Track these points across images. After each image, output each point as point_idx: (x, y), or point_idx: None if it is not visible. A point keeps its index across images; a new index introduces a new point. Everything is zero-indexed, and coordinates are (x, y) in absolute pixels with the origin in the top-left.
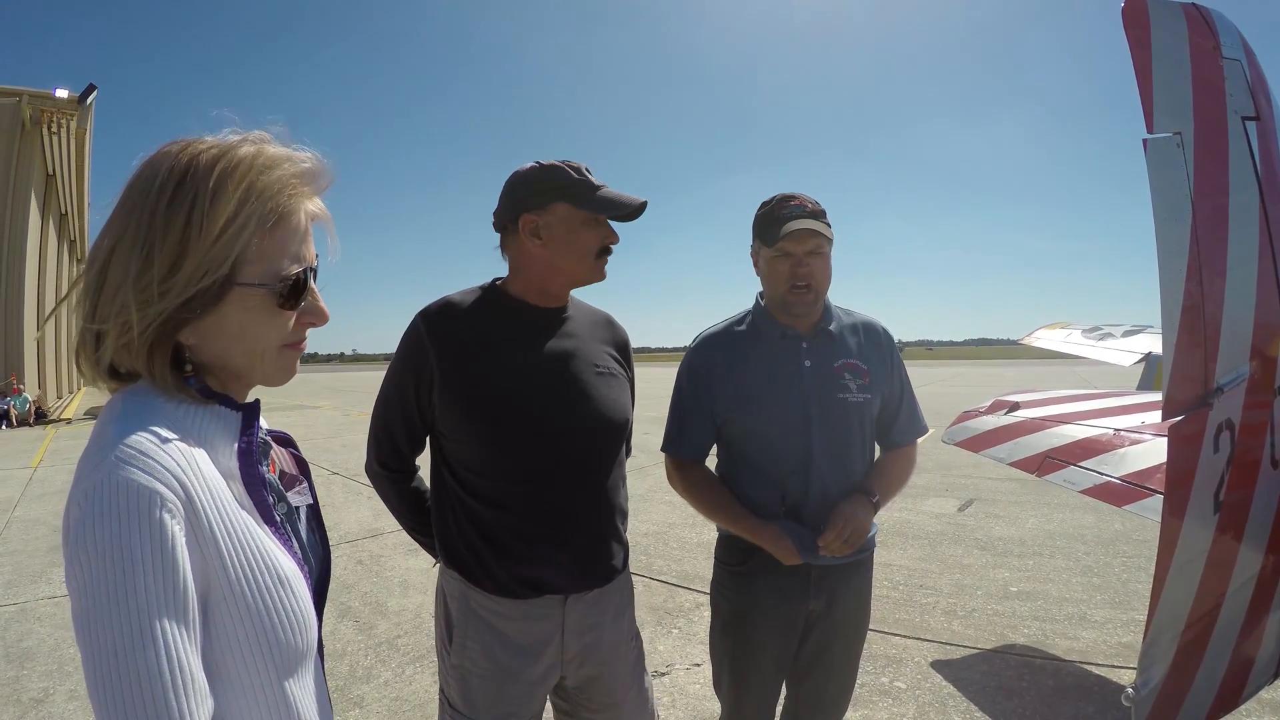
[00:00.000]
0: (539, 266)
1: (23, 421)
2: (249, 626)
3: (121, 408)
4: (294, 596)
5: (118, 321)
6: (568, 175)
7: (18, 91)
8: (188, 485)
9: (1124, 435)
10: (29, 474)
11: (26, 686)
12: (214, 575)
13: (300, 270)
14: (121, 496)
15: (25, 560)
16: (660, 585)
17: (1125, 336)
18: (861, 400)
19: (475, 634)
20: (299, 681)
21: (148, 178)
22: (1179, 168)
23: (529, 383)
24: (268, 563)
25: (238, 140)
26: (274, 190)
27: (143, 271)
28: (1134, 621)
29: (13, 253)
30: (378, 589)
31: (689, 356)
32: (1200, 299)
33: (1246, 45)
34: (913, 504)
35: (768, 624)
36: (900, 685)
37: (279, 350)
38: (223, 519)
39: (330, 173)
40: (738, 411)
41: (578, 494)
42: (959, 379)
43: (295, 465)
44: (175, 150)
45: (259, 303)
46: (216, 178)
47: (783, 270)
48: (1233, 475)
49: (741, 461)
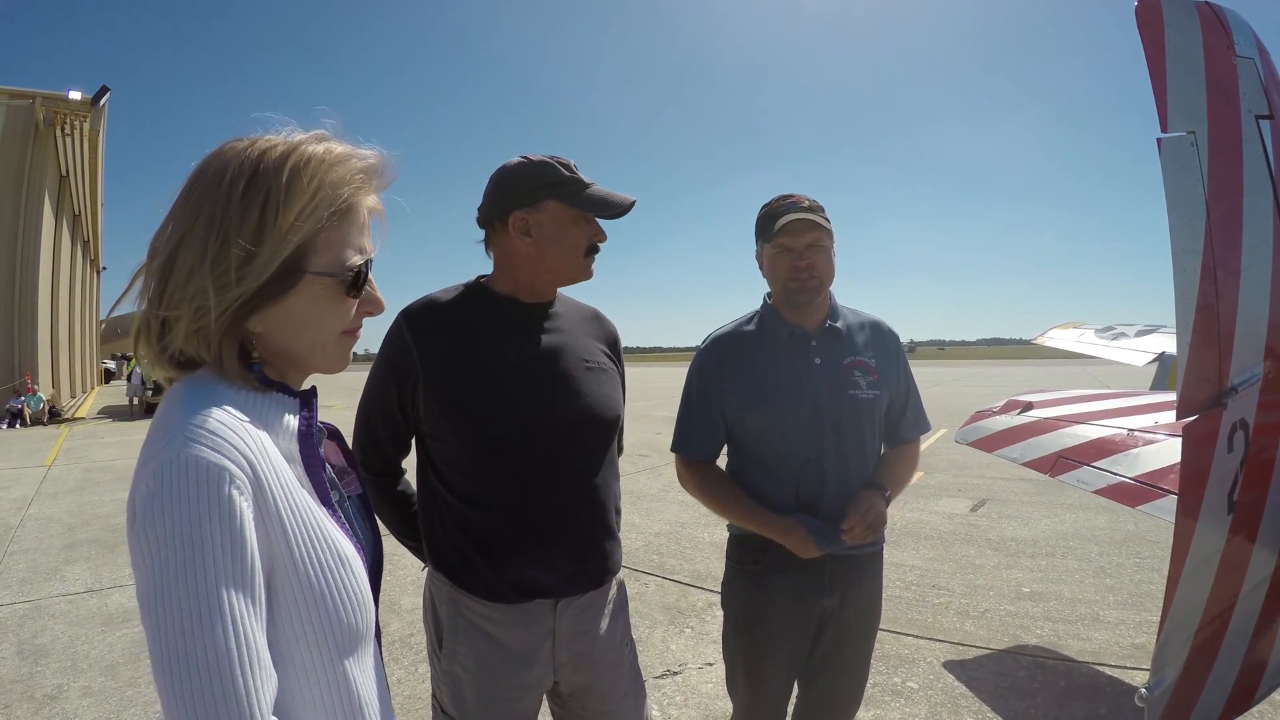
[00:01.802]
0: (527, 264)
1: (36, 421)
2: (312, 606)
3: (184, 391)
4: (354, 577)
5: (192, 306)
6: (558, 172)
7: (31, 93)
8: (255, 463)
9: (1137, 435)
10: (43, 472)
11: (40, 683)
12: (279, 554)
13: (364, 261)
14: (191, 473)
15: (39, 558)
16: (673, 585)
17: (1138, 336)
18: (871, 397)
19: (466, 639)
20: (358, 663)
21: (218, 170)
22: (1193, 167)
23: (516, 379)
24: (329, 542)
25: (305, 137)
26: (342, 184)
27: (220, 257)
28: (1147, 622)
29: (27, 253)
30: (390, 587)
31: (698, 357)
32: (1214, 299)
33: (1260, 44)
34: (925, 504)
35: (782, 622)
36: (913, 685)
37: (340, 337)
38: (288, 498)
39: (393, 169)
40: (749, 410)
41: (568, 492)
42: (972, 379)
43: (343, 457)
44: (243, 146)
45: (326, 291)
46: (290, 171)
47: (784, 265)
48: (1247, 475)
49: (753, 460)
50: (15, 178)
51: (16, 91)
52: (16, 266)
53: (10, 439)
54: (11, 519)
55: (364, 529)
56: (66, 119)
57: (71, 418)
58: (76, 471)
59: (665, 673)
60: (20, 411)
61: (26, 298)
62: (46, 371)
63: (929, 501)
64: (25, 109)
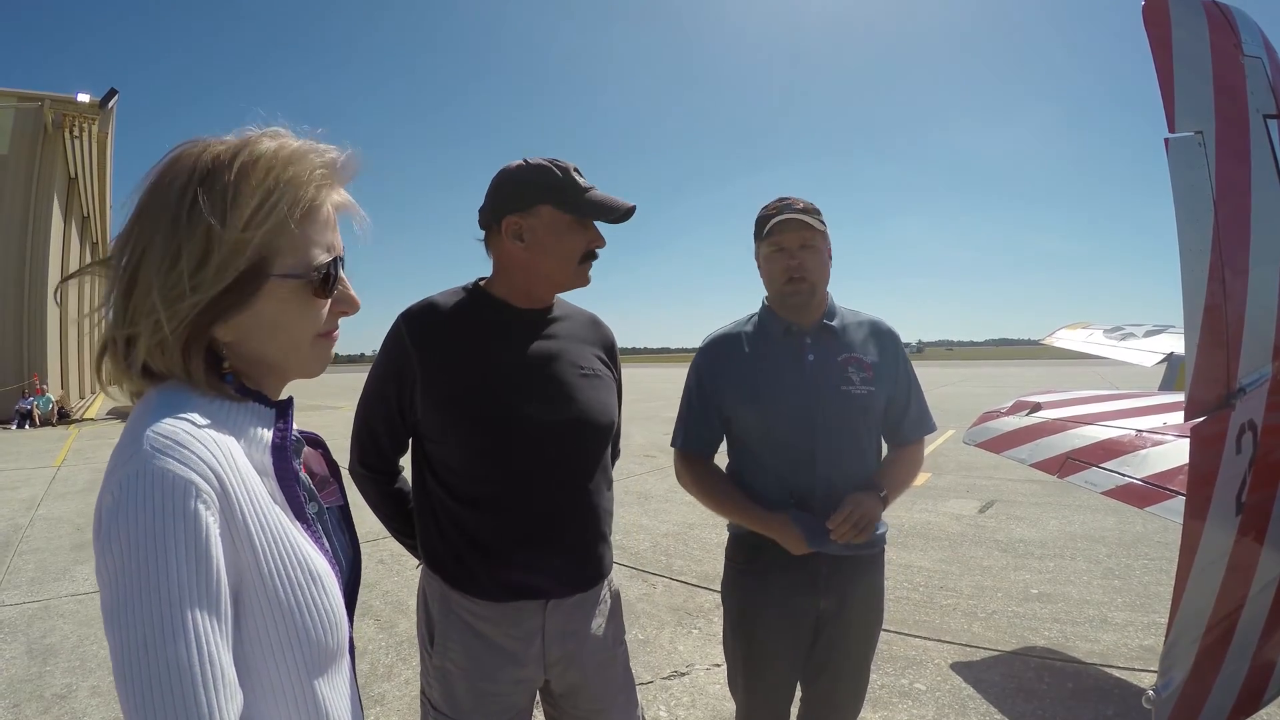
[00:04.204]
0: (520, 269)
1: (46, 421)
2: (280, 622)
3: (156, 401)
4: (326, 594)
5: (149, 321)
6: (554, 176)
7: (40, 96)
8: (222, 477)
9: (1146, 436)
10: (52, 473)
11: (50, 682)
12: (246, 569)
13: (332, 260)
14: (155, 486)
15: (49, 558)
16: (680, 585)
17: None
18: (865, 393)
19: (457, 635)
20: (329, 681)
21: (169, 178)
22: (1201, 167)
23: (511, 384)
24: (300, 559)
25: (257, 135)
26: (301, 182)
27: (171, 268)
28: (1155, 624)
29: (36, 255)
30: (398, 587)
31: (698, 356)
32: (1222, 299)
33: (1268, 42)
34: (933, 505)
35: (776, 621)
36: (920, 687)
37: (314, 340)
38: (257, 512)
39: (356, 162)
40: (744, 406)
41: (561, 496)
42: (980, 380)
43: (326, 466)
44: (195, 150)
45: (294, 294)
46: (238, 171)
47: (778, 264)
48: (1255, 477)
49: (749, 456)
50: (24, 180)
51: (25, 94)
52: (26, 268)
53: (20, 440)
54: (21, 519)
55: (343, 542)
56: (75, 121)
57: (80, 418)
58: (85, 472)
59: (673, 673)
60: (30, 412)
61: (36, 299)
62: (55, 372)
63: (937, 502)
64: (34, 111)
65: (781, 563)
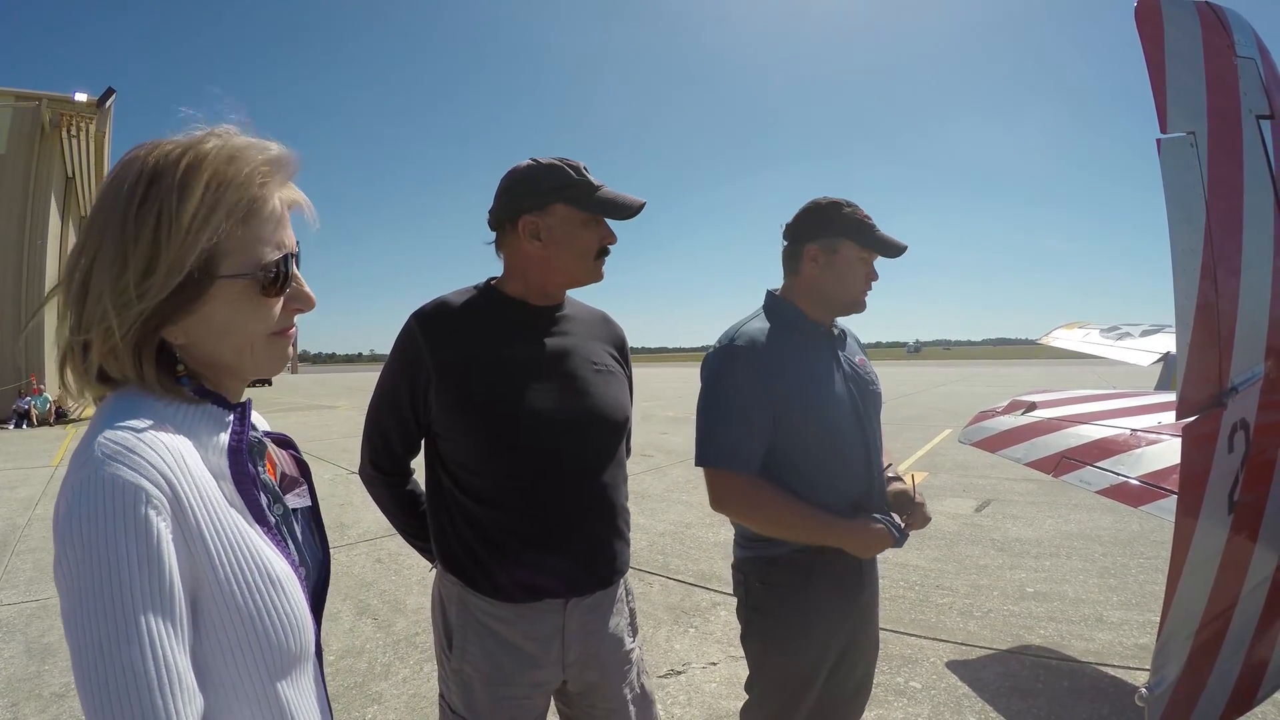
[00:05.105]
0: (537, 267)
1: (43, 421)
2: (239, 627)
3: (111, 406)
4: (286, 598)
5: (101, 328)
6: (567, 175)
7: (37, 95)
8: (174, 482)
9: (1140, 435)
10: (49, 472)
11: (48, 681)
12: (202, 574)
13: (281, 256)
14: (105, 493)
15: (46, 557)
16: (677, 584)
17: (1143, 336)
18: (881, 390)
19: (475, 638)
20: (293, 684)
21: (118, 185)
22: (1193, 168)
23: (526, 381)
24: (258, 562)
25: (203, 135)
26: (243, 180)
27: (119, 276)
28: (1150, 623)
29: (33, 254)
30: (396, 587)
31: (729, 361)
32: (1214, 298)
33: (1261, 43)
34: (929, 504)
35: (837, 634)
36: (915, 685)
37: (268, 339)
38: (211, 517)
39: (296, 159)
40: (804, 415)
41: (576, 493)
42: (976, 379)
43: (296, 467)
44: (143, 154)
45: (242, 293)
46: (183, 173)
47: (862, 271)
48: (1247, 475)
49: (805, 467)
50: (22, 179)
51: (23, 93)
52: (23, 267)
53: (17, 439)
54: (19, 519)
55: (311, 543)
56: (72, 121)
57: (78, 418)
58: None
59: (669, 672)
60: (27, 412)
61: (33, 298)
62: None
63: (933, 501)
64: (31, 111)
65: (833, 572)
